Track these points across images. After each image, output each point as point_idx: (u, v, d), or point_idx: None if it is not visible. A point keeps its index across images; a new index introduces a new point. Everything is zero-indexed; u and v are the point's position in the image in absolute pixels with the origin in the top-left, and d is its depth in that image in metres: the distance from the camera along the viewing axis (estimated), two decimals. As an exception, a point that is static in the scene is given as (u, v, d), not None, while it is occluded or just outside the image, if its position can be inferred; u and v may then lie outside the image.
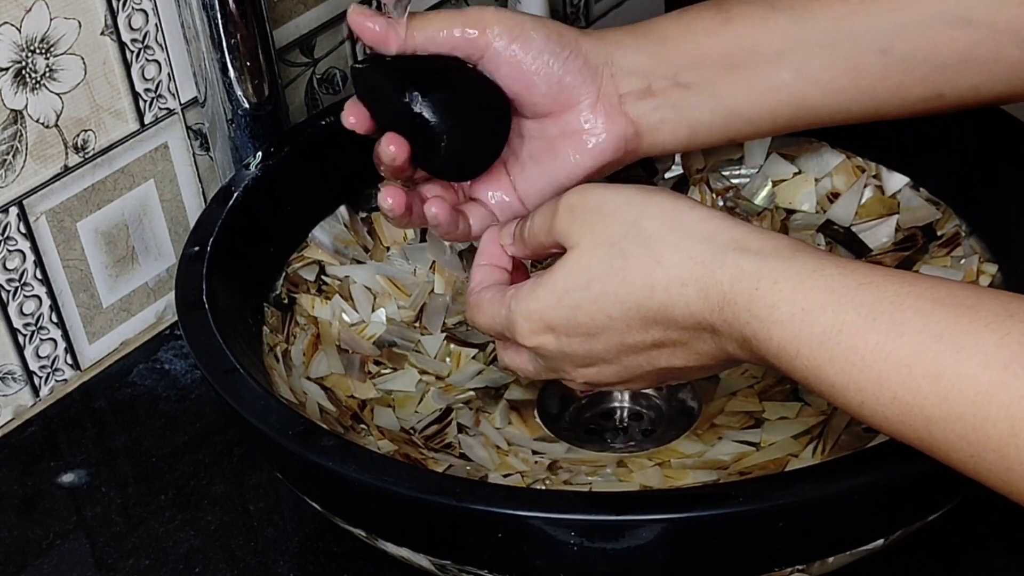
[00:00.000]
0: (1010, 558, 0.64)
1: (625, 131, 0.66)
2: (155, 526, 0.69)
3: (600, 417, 0.72)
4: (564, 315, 0.56)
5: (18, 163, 0.72)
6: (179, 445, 0.74)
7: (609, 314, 0.55)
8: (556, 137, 0.66)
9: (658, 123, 0.66)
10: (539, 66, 0.64)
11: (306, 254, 0.75)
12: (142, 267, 0.80)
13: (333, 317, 0.74)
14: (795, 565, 0.54)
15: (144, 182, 0.78)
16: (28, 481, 0.72)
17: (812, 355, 0.49)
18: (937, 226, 0.73)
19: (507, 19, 0.64)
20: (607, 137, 0.66)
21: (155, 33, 0.76)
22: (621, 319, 0.55)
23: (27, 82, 0.70)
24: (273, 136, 0.77)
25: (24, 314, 0.74)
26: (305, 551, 0.67)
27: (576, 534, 0.52)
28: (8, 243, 0.72)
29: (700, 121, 0.66)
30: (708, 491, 0.56)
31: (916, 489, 0.54)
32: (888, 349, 0.47)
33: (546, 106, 0.66)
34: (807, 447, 0.65)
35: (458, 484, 0.54)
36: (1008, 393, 0.45)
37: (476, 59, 0.65)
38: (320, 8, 0.85)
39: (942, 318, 0.47)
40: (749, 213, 0.78)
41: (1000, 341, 0.45)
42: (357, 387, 0.71)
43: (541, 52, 0.64)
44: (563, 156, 0.66)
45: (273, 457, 0.61)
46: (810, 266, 0.50)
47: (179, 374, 0.79)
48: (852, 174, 0.77)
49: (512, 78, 0.65)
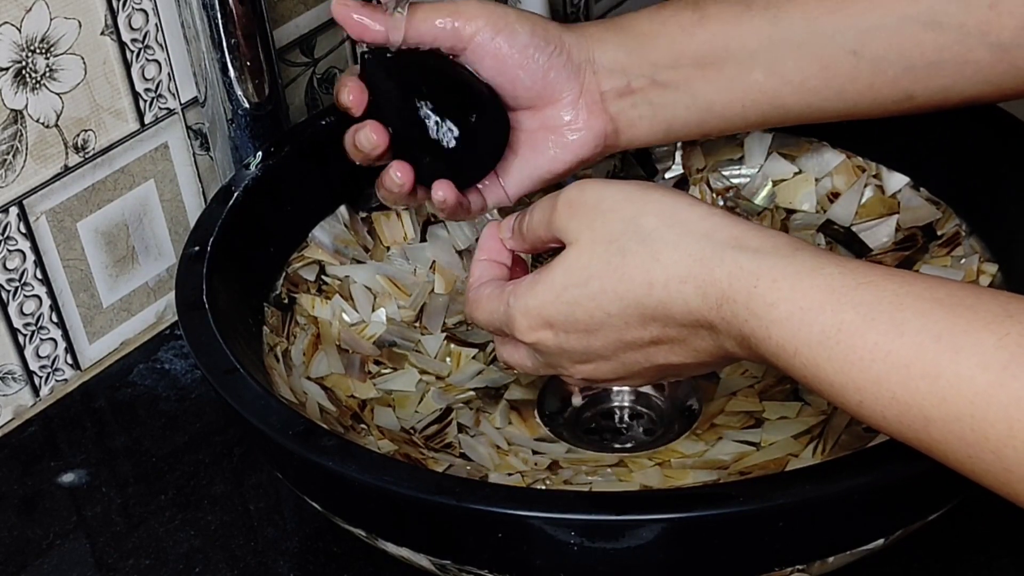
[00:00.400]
0: (1010, 558, 0.64)
1: (605, 127, 0.67)
2: (155, 526, 0.69)
3: (600, 417, 0.72)
4: (563, 311, 0.56)
5: (18, 163, 0.72)
6: (179, 445, 0.74)
7: (607, 311, 0.55)
8: (536, 130, 0.67)
9: (636, 119, 0.67)
10: (524, 60, 0.65)
11: (306, 254, 0.75)
12: (142, 267, 0.80)
13: (333, 317, 0.74)
14: (795, 565, 0.54)
15: (144, 182, 0.78)
16: (28, 481, 0.72)
17: (811, 354, 0.49)
18: (937, 226, 0.73)
19: (491, 11, 0.65)
20: (587, 133, 0.67)
21: (155, 33, 0.76)
22: (619, 316, 0.55)
23: (27, 82, 0.70)
24: (273, 136, 0.77)
25: (24, 314, 0.74)
26: (305, 551, 0.67)
27: (576, 534, 0.52)
28: (8, 243, 0.72)
29: (676, 117, 0.67)
30: (708, 491, 0.56)
31: (916, 489, 0.54)
32: (887, 349, 0.47)
33: (529, 100, 0.66)
34: (807, 447, 0.65)
35: (458, 484, 0.54)
36: (1006, 394, 0.44)
37: (459, 51, 0.65)
38: (320, 8, 0.85)
39: (941, 318, 0.47)
40: (749, 213, 0.78)
41: (999, 342, 0.45)
42: (357, 387, 0.71)
43: (526, 46, 0.65)
44: (543, 149, 0.67)
45: (273, 457, 0.61)
46: (809, 265, 0.50)
47: (179, 374, 0.78)
48: (852, 174, 0.77)
49: (496, 70, 0.65)
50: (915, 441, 0.48)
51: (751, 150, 0.79)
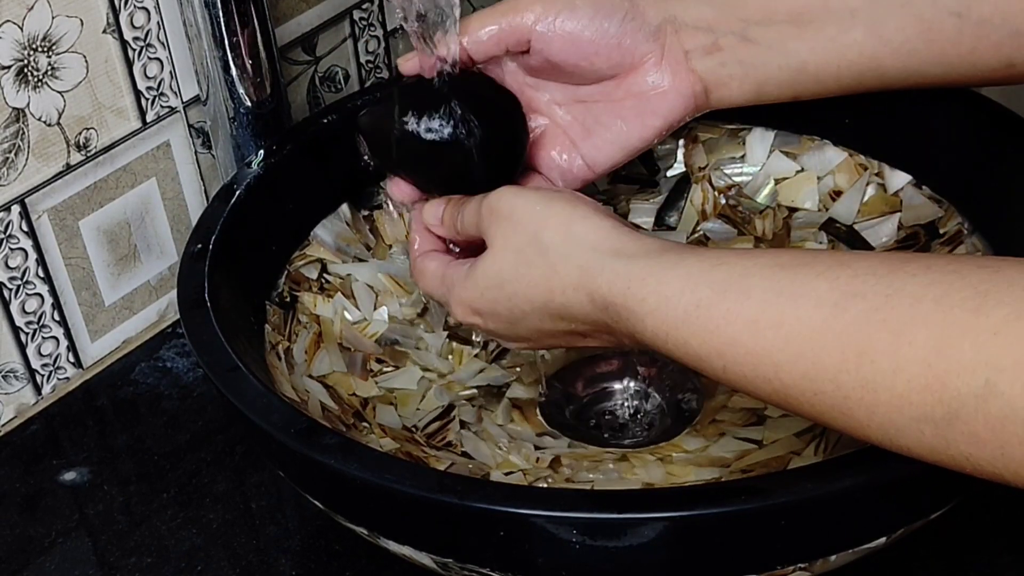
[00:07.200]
0: (1012, 556, 0.64)
1: (693, 87, 0.65)
2: (157, 524, 0.69)
3: (602, 414, 0.72)
4: (487, 307, 0.61)
5: (20, 161, 0.72)
6: (181, 443, 0.74)
7: (523, 309, 0.59)
8: (622, 99, 0.66)
9: (726, 78, 0.65)
10: (592, 34, 0.64)
11: (308, 252, 0.75)
12: (144, 265, 0.80)
13: (335, 315, 0.74)
14: (797, 563, 0.54)
15: (146, 180, 0.78)
16: (30, 479, 0.72)
17: (678, 334, 0.53)
18: (939, 224, 0.73)
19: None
20: (675, 95, 0.66)
21: (157, 31, 0.76)
22: (533, 314, 0.59)
23: (29, 80, 0.70)
24: (275, 134, 0.77)
25: (26, 312, 0.74)
26: (307, 549, 0.67)
27: (578, 532, 0.52)
28: (10, 241, 0.72)
29: (768, 77, 0.65)
30: (710, 489, 0.56)
31: (918, 487, 0.54)
32: (737, 312, 0.51)
33: (608, 70, 0.65)
34: (809, 445, 0.65)
35: (460, 482, 0.54)
36: (838, 324, 0.49)
37: (526, 45, 0.64)
38: (322, 6, 0.85)
39: (783, 278, 0.51)
40: (751, 211, 0.78)
41: (831, 285, 0.50)
42: (359, 385, 0.71)
43: (592, 19, 0.64)
44: (630, 117, 0.66)
45: (275, 455, 0.61)
46: (673, 260, 0.54)
47: (181, 372, 0.79)
48: (854, 172, 0.77)
49: (567, 52, 0.64)
50: (772, 393, 0.52)
51: (753, 148, 0.79)
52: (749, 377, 0.52)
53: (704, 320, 0.52)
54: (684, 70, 0.65)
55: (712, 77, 0.65)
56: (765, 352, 0.51)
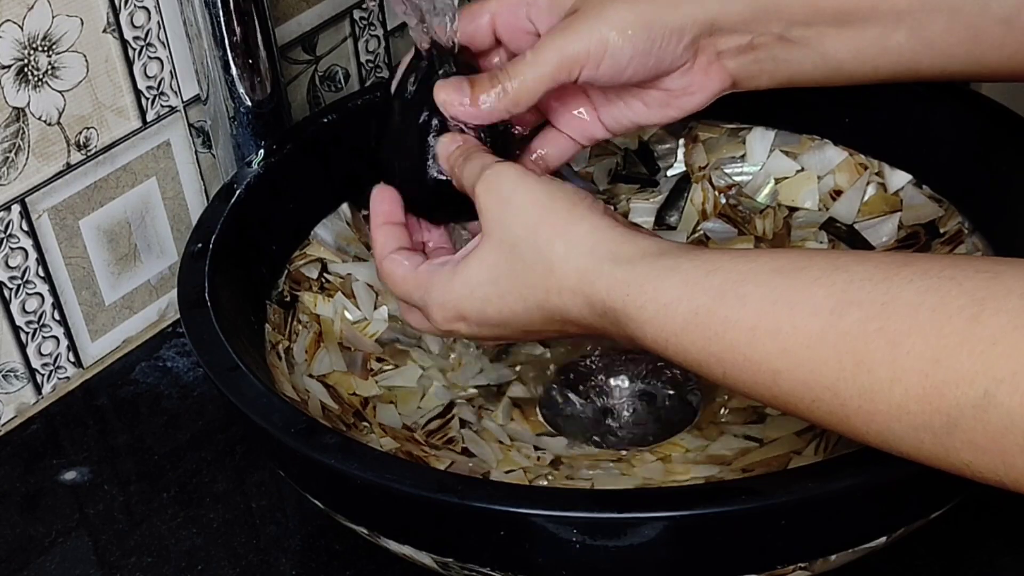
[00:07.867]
0: (1011, 556, 0.64)
1: (722, 85, 0.65)
2: (157, 524, 0.69)
3: (602, 412, 0.72)
4: (476, 307, 0.59)
5: (20, 161, 0.72)
6: (181, 443, 0.74)
7: (514, 309, 0.58)
8: (648, 90, 0.66)
9: (756, 73, 0.65)
10: (632, 72, 0.63)
11: (308, 252, 0.75)
12: (144, 265, 0.80)
13: (335, 314, 0.74)
14: (798, 563, 0.54)
15: (146, 180, 0.78)
16: (30, 479, 0.72)
17: (678, 341, 0.53)
18: (940, 223, 0.73)
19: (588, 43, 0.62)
20: (702, 93, 0.65)
21: (157, 31, 0.76)
22: (525, 314, 0.58)
23: (29, 79, 0.70)
24: (275, 134, 0.77)
25: (26, 312, 0.74)
26: (307, 549, 0.67)
27: (579, 532, 0.52)
28: (10, 241, 0.72)
29: (801, 73, 0.65)
30: (711, 488, 0.56)
31: (918, 487, 0.54)
32: (735, 319, 0.51)
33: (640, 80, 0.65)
34: (810, 444, 0.65)
35: (460, 482, 0.54)
36: (835, 333, 0.49)
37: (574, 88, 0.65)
38: (322, 6, 0.85)
39: (779, 284, 0.51)
40: (751, 211, 0.78)
41: (827, 292, 0.49)
42: (359, 384, 0.71)
43: (631, 59, 0.62)
44: (654, 106, 0.66)
45: (275, 455, 0.61)
46: (669, 265, 0.54)
47: (181, 372, 0.79)
48: (855, 171, 0.77)
49: (609, 89, 0.65)
50: (771, 399, 0.52)
51: (753, 148, 0.79)
52: (748, 383, 0.52)
53: (703, 327, 0.52)
54: (715, 69, 0.65)
55: (743, 72, 0.65)
56: (763, 360, 0.51)
